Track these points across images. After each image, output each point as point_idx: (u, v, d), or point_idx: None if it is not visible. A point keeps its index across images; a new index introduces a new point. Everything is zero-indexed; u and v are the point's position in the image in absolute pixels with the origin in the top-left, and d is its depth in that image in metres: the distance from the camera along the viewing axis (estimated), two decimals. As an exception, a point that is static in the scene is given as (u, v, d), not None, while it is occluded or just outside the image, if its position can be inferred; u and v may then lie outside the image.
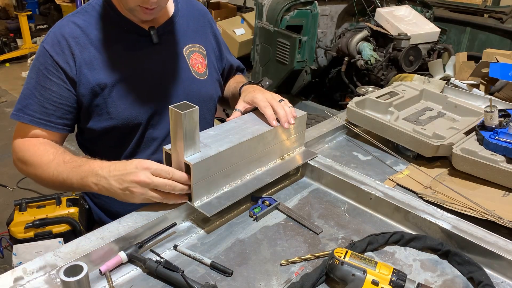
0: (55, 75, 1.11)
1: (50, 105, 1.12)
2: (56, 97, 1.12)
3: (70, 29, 1.13)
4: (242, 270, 0.89)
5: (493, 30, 3.37)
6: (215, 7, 5.19)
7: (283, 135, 1.15)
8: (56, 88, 1.12)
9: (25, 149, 1.12)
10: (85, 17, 1.16)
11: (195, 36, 1.30)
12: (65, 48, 1.11)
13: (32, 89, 1.12)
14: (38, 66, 1.12)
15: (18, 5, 5.73)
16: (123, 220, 0.93)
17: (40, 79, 1.12)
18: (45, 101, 1.12)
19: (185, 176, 0.94)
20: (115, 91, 1.14)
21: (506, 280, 0.90)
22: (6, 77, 5.52)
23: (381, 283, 0.79)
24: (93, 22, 1.15)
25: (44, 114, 1.13)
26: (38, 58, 1.13)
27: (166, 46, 1.23)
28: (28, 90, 1.13)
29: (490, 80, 1.78)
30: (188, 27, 1.29)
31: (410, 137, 1.28)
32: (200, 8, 1.39)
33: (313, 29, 2.93)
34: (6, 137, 4.06)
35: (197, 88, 1.27)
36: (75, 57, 1.11)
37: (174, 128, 0.92)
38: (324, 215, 1.07)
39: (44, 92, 1.12)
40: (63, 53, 1.11)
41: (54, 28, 1.15)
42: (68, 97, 1.13)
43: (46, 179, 1.09)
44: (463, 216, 1.03)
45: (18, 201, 2.50)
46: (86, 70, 1.12)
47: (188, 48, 1.27)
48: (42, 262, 0.81)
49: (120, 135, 1.19)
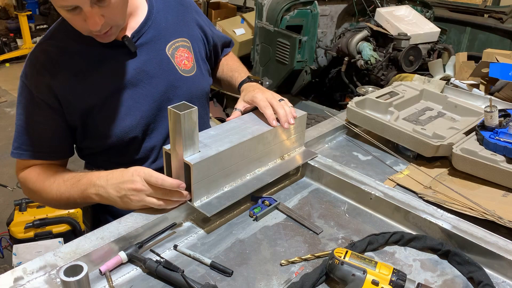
0: (40, 108, 1.09)
1: (44, 137, 1.12)
2: (47, 128, 1.11)
3: (44, 59, 1.08)
4: (242, 270, 0.89)
5: (493, 30, 3.37)
6: (215, 7, 5.19)
7: (283, 135, 1.15)
8: (44, 121, 1.10)
9: (29, 179, 1.13)
10: (56, 43, 1.10)
11: (176, 30, 1.23)
12: (43, 81, 1.07)
13: (23, 126, 1.11)
14: (23, 101, 1.10)
15: (18, 5, 5.74)
16: (123, 220, 0.93)
17: (27, 114, 1.10)
18: (38, 135, 1.11)
19: (176, 183, 0.94)
20: (103, 111, 1.11)
21: (506, 280, 0.90)
22: (6, 77, 5.53)
23: (381, 283, 0.79)
24: (66, 46, 1.10)
25: (42, 147, 1.12)
26: (21, 93, 1.11)
27: (146, 51, 1.16)
28: (20, 127, 1.12)
29: (490, 80, 1.78)
30: (167, 22, 1.21)
31: (410, 137, 1.28)
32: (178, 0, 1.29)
33: (313, 29, 2.93)
34: (6, 137, 4.06)
35: (187, 87, 1.23)
36: (54, 88, 1.07)
37: (173, 128, 0.92)
38: (324, 215, 1.07)
39: (35, 126, 1.10)
40: (43, 86, 1.07)
41: (28, 61, 1.10)
42: (58, 126, 1.11)
43: (52, 201, 1.11)
44: (463, 216, 1.03)
45: (18, 201, 2.50)
46: (70, 97, 1.09)
47: (171, 45, 1.21)
48: (42, 262, 0.81)
49: (117, 150, 1.17)
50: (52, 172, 1.11)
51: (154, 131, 1.20)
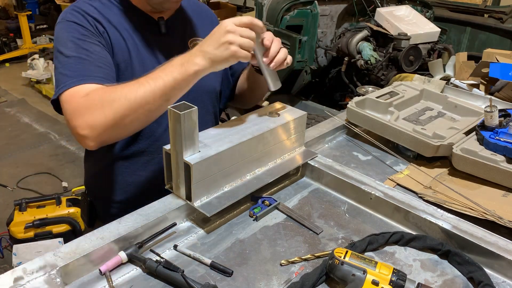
0: (92, 38, 1.10)
1: (103, 64, 1.08)
2: (103, 56, 1.09)
3: (87, 8, 1.15)
4: (242, 270, 0.89)
5: (493, 30, 3.37)
6: (215, 7, 5.19)
7: (283, 135, 1.15)
8: (98, 49, 1.09)
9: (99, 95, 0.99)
10: (97, 4, 1.19)
11: (199, 31, 1.34)
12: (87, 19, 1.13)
13: (77, 60, 1.04)
14: (71, 39, 1.07)
15: (18, 5, 5.74)
16: (123, 220, 0.93)
17: (79, 48, 1.06)
18: (96, 61, 1.06)
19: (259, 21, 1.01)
20: (120, 74, 1.16)
21: (506, 280, 0.90)
22: (6, 77, 5.53)
23: (381, 283, 0.79)
24: (105, 8, 1.19)
25: (103, 73, 1.06)
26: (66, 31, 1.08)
27: (172, 37, 1.26)
28: (73, 62, 1.03)
29: (490, 80, 1.78)
30: (193, 21, 1.34)
31: (410, 137, 1.28)
32: (202, 5, 1.44)
33: (313, 29, 2.93)
34: (6, 137, 4.07)
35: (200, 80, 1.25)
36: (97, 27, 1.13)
37: (173, 128, 0.92)
38: (324, 215, 1.07)
39: (91, 55, 1.06)
40: (88, 22, 1.12)
41: (71, 6, 1.16)
42: (108, 56, 1.12)
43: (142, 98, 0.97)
44: (463, 216, 1.03)
45: (18, 201, 2.51)
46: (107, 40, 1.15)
47: (193, 40, 1.30)
48: (42, 262, 0.81)
49: None
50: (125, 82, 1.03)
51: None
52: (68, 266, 0.81)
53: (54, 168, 3.55)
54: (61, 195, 2.67)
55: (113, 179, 1.29)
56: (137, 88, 0.98)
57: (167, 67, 0.99)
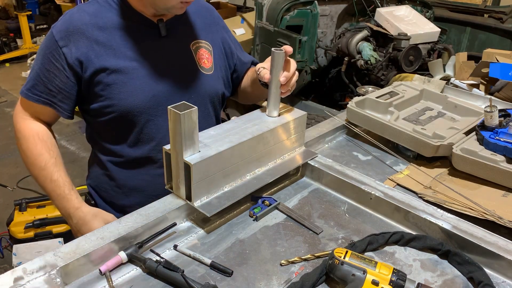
0: (57, 60, 1.16)
1: (53, 87, 1.18)
2: (58, 80, 1.18)
3: (79, 16, 1.18)
4: (242, 270, 0.89)
5: (493, 30, 3.37)
6: (215, 7, 5.19)
7: (283, 135, 1.15)
8: (57, 73, 1.17)
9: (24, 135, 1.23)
10: (95, 7, 1.20)
11: (202, 33, 1.33)
12: (72, 34, 1.15)
13: (38, 71, 1.19)
14: (44, 49, 1.18)
15: (18, 5, 5.74)
16: (123, 220, 0.93)
17: (45, 62, 1.17)
18: (48, 83, 1.18)
19: None
20: (119, 78, 1.16)
21: (506, 280, 0.90)
22: (6, 77, 5.53)
23: (381, 283, 0.79)
24: (102, 11, 1.19)
25: (48, 95, 1.19)
26: (45, 41, 1.19)
27: (173, 39, 1.25)
28: (34, 72, 1.20)
29: (490, 80, 1.78)
30: (195, 23, 1.32)
31: (410, 137, 1.28)
32: (206, 6, 1.41)
33: (313, 29, 2.93)
34: (6, 137, 4.06)
35: (202, 82, 1.28)
36: (80, 43, 1.15)
37: (173, 128, 0.92)
38: (324, 215, 1.07)
39: (48, 75, 1.18)
40: (68, 39, 1.15)
41: (65, 15, 1.20)
42: (67, 83, 1.18)
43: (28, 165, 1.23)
44: (463, 216, 1.03)
45: (18, 201, 2.50)
46: (92, 54, 1.15)
47: (195, 43, 1.30)
48: (42, 262, 0.81)
49: (123, 124, 1.21)
50: (46, 154, 1.21)
51: (163, 115, 1.22)
52: (68, 266, 0.81)
53: (54, 168, 3.55)
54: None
55: (116, 183, 1.29)
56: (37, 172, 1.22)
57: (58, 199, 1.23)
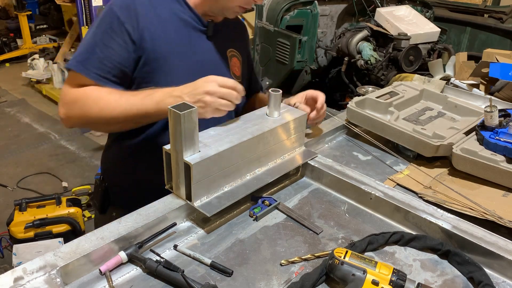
0: (119, 36, 1.15)
1: (109, 63, 1.16)
2: (116, 56, 1.16)
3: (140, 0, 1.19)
4: (242, 270, 0.89)
5: (493, 30, 3.37)
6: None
7: (283, 135, 1.15)
8: (117, 48, 1.16)
9: (89, 93, 1.15)
10: None
11: (236, 44, 1.40)
12: (132, 11, 1.16)
13: (94, 46, 1.16)
14: (104, 25, 1.16)
15: (18, 5, 5.74)
16: (123, 220, 0.93)
17: (104, 37, 1.15)
18: (104, 59, 1.15)
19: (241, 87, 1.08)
20: (164, 66, 1.19)
21: (506, 280, 0.90)
22: (6, 77, 5.53)
23: (381, 283, 0.79)
24: (159, 2, 1.22)
25: (102, 71, 1.16)
26: (104, 17, 1.17)
27: (215, 42, 1.30)
28: (89, 46, 1.17)
29: (490, 80, 1.78)
30: (232, 33, 1.40)
31: (410, 137, 1.28)
32: (240, 20, 1.49)
33: (313, 29, 2.93)
34: (6, 137, 4.07)
35: None
36: (139, 22, 1.16)
37: (173, 128, 0.92)
38: (324, 215, 1.07)
39: (105, 50, 1.15)
40: (130, 16, 1.15)
41: None
42: (127, 58, 1.17)
43: (115, 114, 1.13)
44: (463, 216, 1.03)
45: (18, 201, 2.50)
46: (147, 35, 1.17)
47: (231, 51, 1.36)
48: (42, 262, 0.81)
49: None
50: (114, 90, 1.15)
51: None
52: (68, 266, 0.81)
53: (54, 168, 3.55)
54: (61, 195, 2.67)
55: (130, 172, 1.31)
56: (114, 107, 1.12)
57: (146, 99, 1.10)
